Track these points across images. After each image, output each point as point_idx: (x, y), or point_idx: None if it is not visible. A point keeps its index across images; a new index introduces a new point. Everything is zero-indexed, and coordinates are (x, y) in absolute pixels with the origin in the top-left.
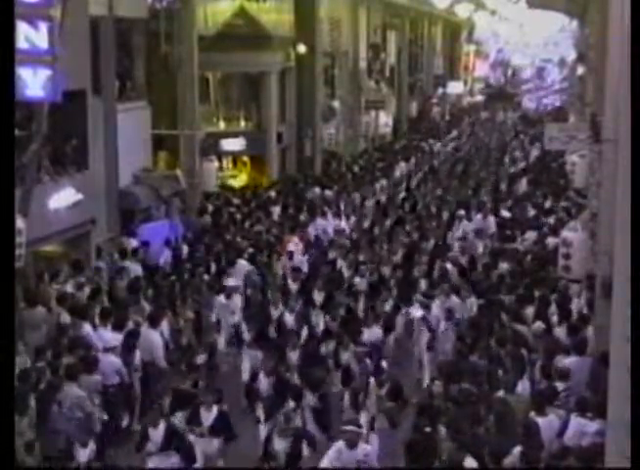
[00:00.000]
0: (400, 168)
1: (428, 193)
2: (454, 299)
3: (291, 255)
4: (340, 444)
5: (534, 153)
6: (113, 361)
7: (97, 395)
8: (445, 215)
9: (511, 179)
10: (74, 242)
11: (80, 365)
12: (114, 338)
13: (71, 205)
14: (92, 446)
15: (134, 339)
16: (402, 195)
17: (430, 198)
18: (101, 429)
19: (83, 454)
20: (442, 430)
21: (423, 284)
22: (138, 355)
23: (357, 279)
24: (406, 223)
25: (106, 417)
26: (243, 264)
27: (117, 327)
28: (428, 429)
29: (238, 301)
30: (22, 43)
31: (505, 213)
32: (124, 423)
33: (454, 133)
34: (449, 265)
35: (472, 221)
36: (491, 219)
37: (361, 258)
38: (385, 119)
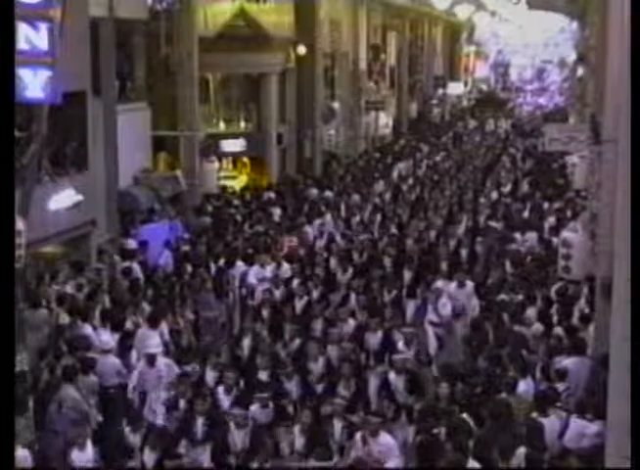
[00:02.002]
0: (398, 169)
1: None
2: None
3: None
4: (360, 434)
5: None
6: (112, 363)
7: (94, 396)
8: None
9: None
10: (74, 243)
11: (77, 366)
12: (113, 339)
13: (71, 206)
14: (89, 446)
15: (129, 340)
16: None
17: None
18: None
19: (81, 455)
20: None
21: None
22: (135, 357)
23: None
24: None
25: (101, 418)
26: (240, 265)
27: (116, 328)
28: (435, 430)
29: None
30: (22, 44)
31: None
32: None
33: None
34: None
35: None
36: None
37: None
38: (385, 120)
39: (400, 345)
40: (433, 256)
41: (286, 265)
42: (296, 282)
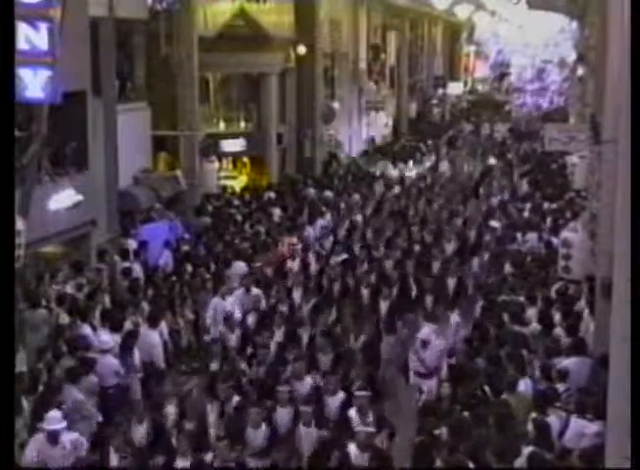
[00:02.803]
0: (399, 169)
1: None
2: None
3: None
4: None
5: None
6: (110, 363)
7: (94, 396)
8: None
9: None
10: (74, 243)
11: (80, 367)
12: (112, 339)
13: (71, 206)
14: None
15: (133, 340)
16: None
17: None
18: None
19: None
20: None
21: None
22: (137, 356)
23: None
24: None
25: (101, 418)
26: (240, 266)
27: (115, 328)
28: (436, 431)
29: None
30: (22, 44)
31: (494, 223)
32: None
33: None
34: None
35: None
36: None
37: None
38: (385, 120)
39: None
40: (416, 282)
41: (255, 291)
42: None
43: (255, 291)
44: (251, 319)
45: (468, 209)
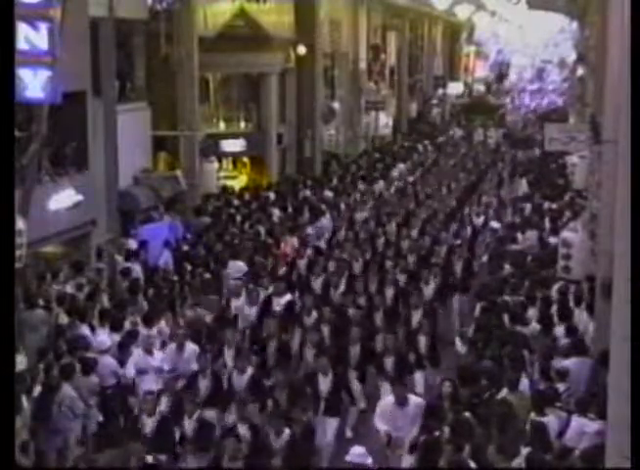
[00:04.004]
0: (399, 169)
1: None
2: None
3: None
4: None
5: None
6: (109, 363)
7: (94, 396)
8: None
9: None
10: (74, 243)
11: (78, 366)
12: (111, 339)
13: (71, 206)
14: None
15: (132, 339)
16: None
17: None
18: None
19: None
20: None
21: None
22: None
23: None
24: None
25: (101, 418)
26: (239, 266)
27: (114, 328)
28: (437, 433)
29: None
30: (22, 44)
31: (495, 224)
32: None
33: (408, 163)
34: None
35: None
36: None
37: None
38: (385, 120)
39: None
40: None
41: (190, 347)
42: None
43: (191, 347)
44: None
45: (445, 239)
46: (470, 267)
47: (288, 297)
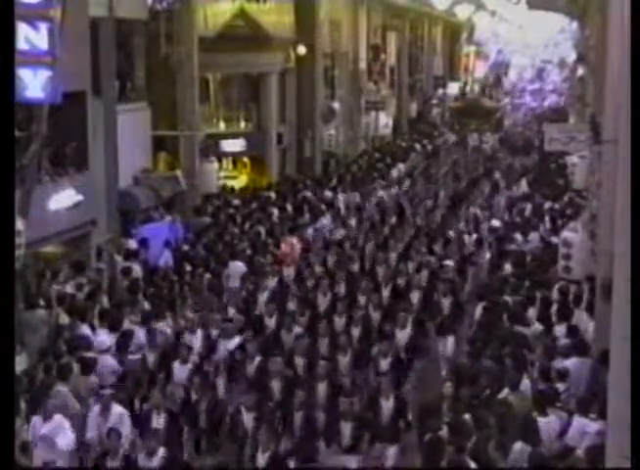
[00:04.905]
0: (398, 170)
1: None
2: None
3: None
4: None
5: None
6: (108, 363)
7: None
8: None
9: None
10: (74, 243)
11: (78, 366)
12: (109, 339)
13: (71, 206)
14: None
15: (128, 339)
16: None
17: None
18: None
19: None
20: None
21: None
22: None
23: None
24: None
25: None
26: (238, 266)
27: (113, 328)
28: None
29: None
30: (22, 44)
31: (495, 223)
32: None
33: (396, 172)
34: None
35: None
36: None
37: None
38: (385, 120)
39: None
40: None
41: (117, 410)
42: None
43: (118, 410)
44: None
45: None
46: (458, 301)
47: (237, 340)
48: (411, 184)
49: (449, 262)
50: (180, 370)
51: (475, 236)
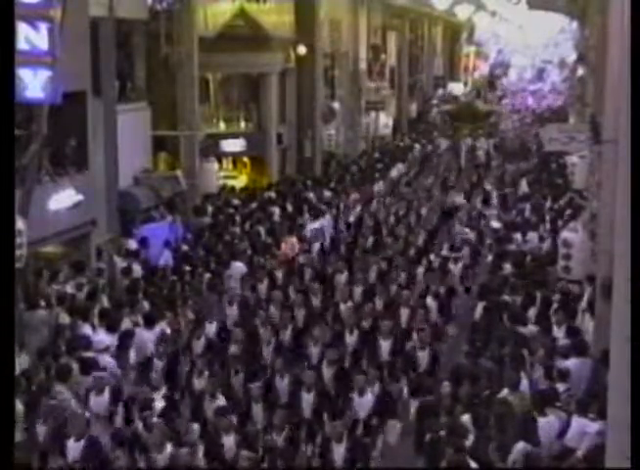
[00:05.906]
0: (398, 169)
1: None
2: None
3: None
4: None
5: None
6: (107, 363)
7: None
8: None
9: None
10: (75, 243)
11: (78, 366)
12: (108, 339)
13: (71, 205)
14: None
15: (129, 339)
16: None
17: None
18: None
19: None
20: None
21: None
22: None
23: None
24: None
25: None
26: (238, 266)
27: (112, 328)
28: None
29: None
30: (22, 44)
31: (495, 224)
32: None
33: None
34: None
35: None
36: None
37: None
38: (385, 120)
39: None
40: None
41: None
42: None
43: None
44: None
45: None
46: (436, 355)
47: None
48: (396, 196)
49: (430, 301)
50: None
51: (461, 264)
